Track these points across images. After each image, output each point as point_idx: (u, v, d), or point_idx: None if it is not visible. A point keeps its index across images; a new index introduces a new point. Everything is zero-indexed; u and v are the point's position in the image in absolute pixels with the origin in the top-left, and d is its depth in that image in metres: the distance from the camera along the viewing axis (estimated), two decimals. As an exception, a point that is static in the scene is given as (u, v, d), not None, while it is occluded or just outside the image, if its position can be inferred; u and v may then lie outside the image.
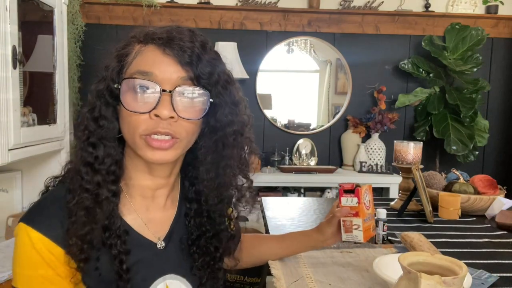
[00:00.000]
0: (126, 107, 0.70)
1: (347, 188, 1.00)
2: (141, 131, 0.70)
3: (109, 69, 0.72)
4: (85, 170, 0.71)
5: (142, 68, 0.70)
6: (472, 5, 3.26)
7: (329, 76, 3.38)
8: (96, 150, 0.72)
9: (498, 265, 1.16)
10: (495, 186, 1.75)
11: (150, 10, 2.99)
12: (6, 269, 1.38)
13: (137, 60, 0.71)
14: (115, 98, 0.72)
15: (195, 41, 0.72)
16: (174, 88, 0.69)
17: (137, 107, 0.69)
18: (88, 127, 0.72)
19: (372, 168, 3.03)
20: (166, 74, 0.69)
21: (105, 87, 0.72)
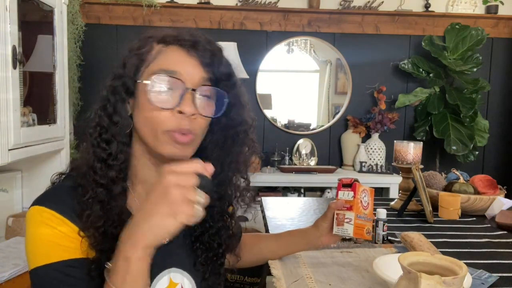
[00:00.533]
0: (152, 102, 0.72)
1: (346, 183, 1.01)
2: (165, 127, 0.73)
3: (127, 66, 0.75)
4: (99, 166, 0.73)
5: (166, 67, 0.73)
6: (472, 5, 3.26)
7: (329, 76, 3.38)
8: (110, 147, 0.74)
9: (498, 265, 1.16)
10: (495, 186, 1.75)
11: (150, 10, 2.99)
12: (6, 269, 1.38)
13: (159, 59, 0.75)
14: (130, 95, 0.75)
15: (214, 46, 0.78)
16: (198, 87, 0.74)
17: (162, 103, 0.72)
18: (101, 123, 0.74)
19: (372, 168, 3.03)
20: (190, 73, 0.74)
21: (121, 83, 0.74)
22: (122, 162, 0.75)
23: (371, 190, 1.04)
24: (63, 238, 0.70)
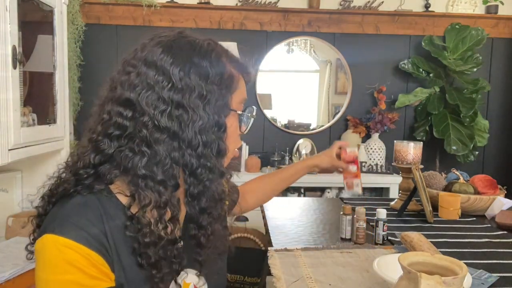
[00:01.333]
0: (242, 130, 0.85)
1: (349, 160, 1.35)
2: (237, 146, 0.85)
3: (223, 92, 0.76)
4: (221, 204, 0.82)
5: (245, 96, 0.84)
6: (472, 5, 3.26)
7: (329, 76, 3.38)
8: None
9: (498, 265, 1.16)
10: (495, 186, 1.75)
11: (150, 10, 2.99)
12: (6, 269, 1.38)
13: (240, 88, 0.81)
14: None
15: None
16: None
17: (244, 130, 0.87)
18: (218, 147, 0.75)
19: (372, 168, 3.03)
20: None
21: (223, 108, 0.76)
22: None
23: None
24: (82, 272, 0.65)
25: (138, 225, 0.69)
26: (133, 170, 0.69)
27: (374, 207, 1.52)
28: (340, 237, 1.39)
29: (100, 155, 0.71)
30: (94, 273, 0.66)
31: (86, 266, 0.66)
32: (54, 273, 0.65)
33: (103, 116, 0.72)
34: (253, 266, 1.89)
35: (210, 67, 0.73)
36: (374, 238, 1.35)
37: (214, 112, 0.72)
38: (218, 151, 0.73)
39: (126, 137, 0.70)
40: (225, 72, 0.75)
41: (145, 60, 0.72)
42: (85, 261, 0.66)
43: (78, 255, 0.65)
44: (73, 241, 0.65)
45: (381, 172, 3.02)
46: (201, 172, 0.71)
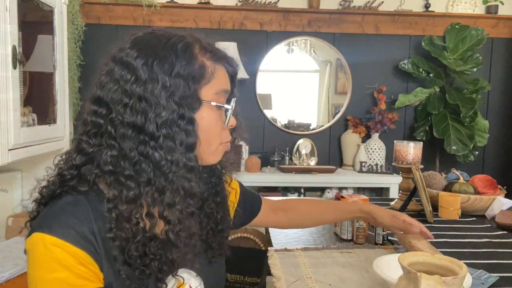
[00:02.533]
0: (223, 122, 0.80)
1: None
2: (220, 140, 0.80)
3: (188, 82, 0.72)
4: (190, 200, 0.74)
5: (225, 87, 0.79)
6: (472, 5, 3.26)
7: (329, 76, 3.38)
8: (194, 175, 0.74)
9: (498, 265, 1.16)
10: (495, 186, 1.75)
11: (150, 10, 2.99)
12: (6, 269, 1.38)
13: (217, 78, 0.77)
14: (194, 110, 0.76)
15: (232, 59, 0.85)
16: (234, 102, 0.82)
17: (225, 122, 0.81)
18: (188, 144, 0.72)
19: (372, 168, 3.03)
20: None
21: (189, 101, 0.73)
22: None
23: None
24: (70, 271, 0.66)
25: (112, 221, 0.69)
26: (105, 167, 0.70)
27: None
28: (340, 237, 1.39)
29: (81, 155, 0.72)
30: (82, 272, 0.67)
31: (74, 265, 0.66)
32: (42, 271, 0.66)
33: (84, 116, 0.76)
34: (253, 266, 1.89)
35: (176, 59, 0.72)
36: (374, 238, 1.35)
37: (179, 104, 0.71)
38: (184, 145, 0.71)
39: (101, 135, 0.71)
40: (194, 63, 0.73)
41: (114, 58, 0.74)
42: (73, 259, 0.66)
43: (66, 253, 0.66)
44: (60, 239, 0.66)
45: (381, 172, 3.02)
46: (164, 165, 0.70)
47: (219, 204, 0.90)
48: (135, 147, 0.69)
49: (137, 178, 0.70)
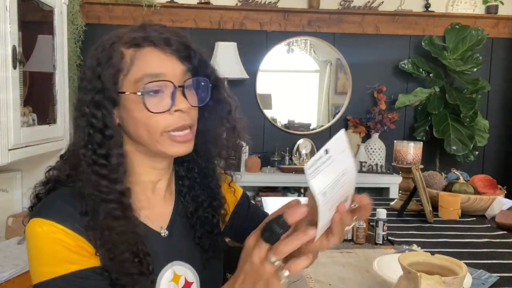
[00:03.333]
0: (151, 110, 0.73)
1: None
2: (163, 129, 0.74)
3: (104, 79, 0.72)
4: (104, 183, 0.72)
5: (150, 71, 0.73)
6: (472, 5, 3.26)
7: (329, 76, 3.38)
8: (109, 161, 0.73)
9: (498, 265, 1.16)
10: (495, 186, 1.75)
11: (150, 10, 2.99)
12: (6, 269, 1.38)
13: (137, 64, 0.73)
14: (116, 106, 0.75)
15: (181, 35, 0.77)
16: (183, 82, 0.75)
17: (159, 108, 0.73)
18: (93, 140, 0.73)
19: (372, 168, 3.03)
20: (172, 71, 0.74)
21: (105, 97, 0.73)
22: (124, 172, 0.75)
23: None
24: (68, 250, 0.69)
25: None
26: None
27: (374, 207, 1.52)
28: (340, 237, 1.39)
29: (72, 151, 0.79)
30: (78, 249, 0.70)
31: (70, 244, 0.70)
32: (40, 252, 0.69)
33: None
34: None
35: (93, 55, 0.75)
36: (374, 238, 1.35)
37: (90, 97, 0.72)
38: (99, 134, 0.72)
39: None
40: (111, 55, 0.73)
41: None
42: (69, 240, 0.70)
43: (62, 234, 0.69)
44: (56, 222, 0.70)
45: (381, 172, 3.02)
46: (82, 152, 0.73)
47: (216, 208, 0.89)
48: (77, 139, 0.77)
49: (78, 166, 0.74)
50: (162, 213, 0.84)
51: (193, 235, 0.86)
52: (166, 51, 0.74)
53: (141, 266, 0.73)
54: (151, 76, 0.73)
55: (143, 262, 0.74)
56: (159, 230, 0.82)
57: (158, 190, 0.84)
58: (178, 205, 0.87)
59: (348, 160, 0.61)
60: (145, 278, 0.74)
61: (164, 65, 0.74)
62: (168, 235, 0.83)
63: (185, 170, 0.88)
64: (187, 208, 0.87)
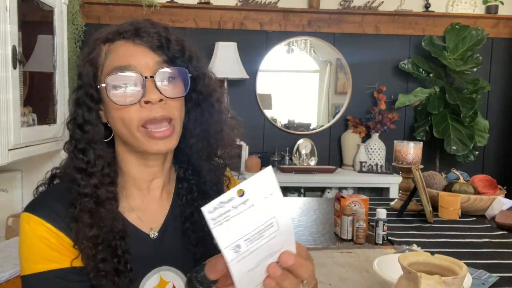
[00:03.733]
0: (116, 103, 0.72)
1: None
2: (137, 122, 0.72)
3: (84, 75, 0.75)
4: (80, 176, 0.74)
5: (118, 64, 0.72)
6: (472, 5, 3.26)
7: (329, 76, 3.38)
8: (86, 155, 0.74)
9: (498, 265, 1.16)
10: (495, 186, 1.75)
11: (150, 10, 2.99)
12: (6, 269, 1.38)
13: (110, 58, 0.74)
14: (96, 102, 0.75)
15: (158, 27, 0.75)
16: (155, 72, 0.72)
17: (127, 101, 0.72)
18: (74, 135, 0.76)
19: (372, 168, 3.03)
20: (143, 62, 0.72)
21: (84, 93, 0.75)
22: (103, 168, 0.74)
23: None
24: (50, 248, 0.71)
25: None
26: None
27: (374, 207, 1.52)
28: (340, 237, 1.39)
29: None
30: (61, 250, 0.71)
31: (54, 244, 0.71)
32: (25, 246, 0.72)
33: None
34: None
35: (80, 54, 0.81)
36: (374, 238, 1.35)
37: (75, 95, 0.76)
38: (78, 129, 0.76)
39: None
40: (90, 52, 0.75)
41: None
42: (53, 239, 0.71)
43: (45, 231, 0.71)
44: (41, 218, 0.71)
45: (381, 172, 3.02)
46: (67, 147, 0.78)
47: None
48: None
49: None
50: (155, 214, 0.82)
51: (186, 240, 0.82)
52: (136, 41, 0.73)
53: (118, 264, 0.72)
54: (118, 69, 0.72)
55: (120, 259, 0.73)
56: (148, 232, 0.80)
57: (153, 189, 0.82)
58: (174, 208, 0.84)
59: (278, 207, 0.48)
60: (123, 277, 0.73)
61: (133, 57, 0.72)
62: (158, 237, 0.80)
63: (183, 171, 0.86)
64: (182, 212, 0.84)
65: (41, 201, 0.75)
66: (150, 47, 0.73)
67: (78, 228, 0.71)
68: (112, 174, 0.76)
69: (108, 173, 0.75)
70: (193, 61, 0.77)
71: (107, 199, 0.74)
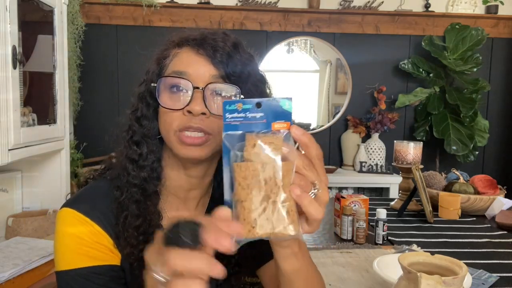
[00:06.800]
0: (162, 105, 0.74)
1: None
2: (174, 127, 0.73)
3: (149, 72, 0.78)
4: (132, 166, 0.76)
5: (177, 69, 0.74)
6: (472, 5, 3.26)
7: (329, 76, 3.38)
8: (140, 148, 0.77)
9: (498, 265, 1.16)
10: (495, 186, 1.75)
11: (150, 10, 2.99)
12: (6, 269, 1.38)
13: (173, 62, 0.76)
14: (155, 100, 0.76)
15: (227, 41, 0.77)
16: (206, 85, 0.72)
17: (172, 105, 0.73)
18: (132, 127, 0.78)
19: (372, 168, 3.03)
20: (199, 72, 0.73)
21: (146, 89, 0.78)
22: (153, 162, 0.77)
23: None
24: (88, 244, 0.71)
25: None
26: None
27: (374, 207, 1.52)
28: (340, 237, 1.39)
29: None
30: (99, 248, 0.72)
31: (94, 242, 0.71)
32: (60, 240, 0.72)
33: None
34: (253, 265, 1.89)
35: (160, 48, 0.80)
36: (374, 238, 1.35)
37: (139, 88, 0.79)
38: (135, 122, 0.78)
39: None
40: (165, 49, 0.78)
41: None
42: (92, 235, 0.72)
43: (83, 226, 0.71)
44: (81, 213, 0.72)
45: (381, 172, 3.02)
46: (123, 136, 0.78)
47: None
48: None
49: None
50: None
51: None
52: (199, 51, 0.73)
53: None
54: (176, 73, 0.73)
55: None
56: None
57: (190, 200, 0.82)
58: None
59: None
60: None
61: (191, 65, 0.73)
62: None
63: (219, 192, 0.84)
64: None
65: (83, 197, 0.76)
66: (211, 60, 0.73)
67: (123, 216, 0.73)
68: (160, 170, 0.78)
69: (156, 168, 0.77)
70: (249, 83, 0.76)
71: (152, 193, 0.76)
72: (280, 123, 0.54)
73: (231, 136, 0.53)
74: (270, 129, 0.53)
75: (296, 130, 0.54)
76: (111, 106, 2.99)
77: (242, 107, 0.52)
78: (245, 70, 0.76)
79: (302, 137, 0.55)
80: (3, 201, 1.82)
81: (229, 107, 0.52)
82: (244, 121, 0.52)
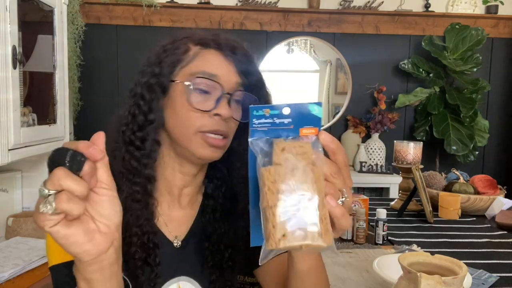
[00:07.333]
0: (191, 104, 0.73)
1: None
2: (198, 128, 0.73)
3: (163, 65, 0.75)
4: (135, 164, 0.74)
5: (207, 70, 0.74)
6: (472, 5, 3.26)
7: (329, 76, 3.38)
8: (144, 145, 0.75)
9: (498, 265, 1.16)
10: (495, 186, 1.75)
11: (150, 10, 2.99)
12: (6, 269, 1.38)
13: (199, 60, 0.76)
14: (162, 92, 0.75)
15: (248, 53, 0.81)
16: (234, 91, 0.76)
17: (201, 105, 0.73)
18: (135, 121, 0.75)
19: (372, 168, 3.03)
20: (227, 78, 0.75)
21: (157, 82, 0.75)
22: (156, 160, 0.76)
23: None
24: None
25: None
26: None
27: (374, 207, 1.52)
28: (340, 237, 1.39)
29: None
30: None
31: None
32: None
33: None
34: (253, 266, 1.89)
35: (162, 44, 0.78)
36: (374, 238, 1.35)
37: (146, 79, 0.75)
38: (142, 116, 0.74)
39: None
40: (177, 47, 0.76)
41: None
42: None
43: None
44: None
45: (381, 172, 3.02)
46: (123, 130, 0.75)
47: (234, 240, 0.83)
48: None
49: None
50: (180, 223, 0.82)
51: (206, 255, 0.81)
52: (228, 58, 0.76)
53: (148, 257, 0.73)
54: (207, 74, 0.74)
55: (151, 252, 0.73)
56: (173, 240, 0.80)
57: (182, 197, 0.82)
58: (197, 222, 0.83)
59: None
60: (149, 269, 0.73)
61: (221, 69, 0.75)
62: (181, 247, 0.80)
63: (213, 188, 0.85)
64: (204, 229, 0.83)
65: None
66: (237, 68, 0.77)
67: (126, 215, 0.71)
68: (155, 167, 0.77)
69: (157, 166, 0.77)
70: (263, 92, 0.82)
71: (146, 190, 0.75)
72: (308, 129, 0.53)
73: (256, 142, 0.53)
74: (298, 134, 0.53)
75: (325, 137, 0.54)
76: (111, 106, 2.98)
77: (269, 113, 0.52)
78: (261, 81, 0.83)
79: (331, 144, 0.55)
80: (3, 201, 1.82)
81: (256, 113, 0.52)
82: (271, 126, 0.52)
